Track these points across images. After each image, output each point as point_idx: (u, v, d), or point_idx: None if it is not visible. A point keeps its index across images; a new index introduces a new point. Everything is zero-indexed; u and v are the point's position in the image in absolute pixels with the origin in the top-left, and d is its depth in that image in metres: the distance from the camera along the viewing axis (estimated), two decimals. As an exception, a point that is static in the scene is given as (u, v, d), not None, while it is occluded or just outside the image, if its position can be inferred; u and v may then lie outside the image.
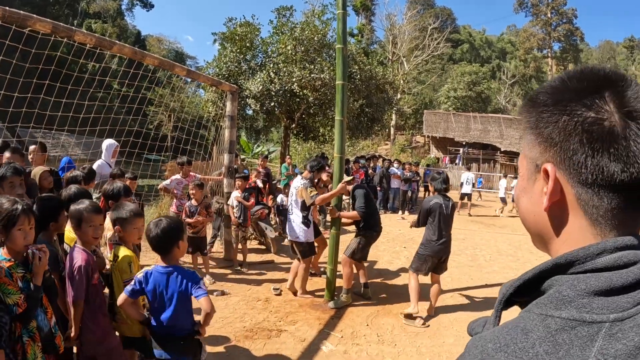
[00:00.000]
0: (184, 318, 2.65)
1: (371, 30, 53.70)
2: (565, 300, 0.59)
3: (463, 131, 33.87)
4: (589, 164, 0.62)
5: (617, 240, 0.62)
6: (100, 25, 44.65)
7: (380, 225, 5.72)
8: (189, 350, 2.71)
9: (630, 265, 0.59)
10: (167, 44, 63.78)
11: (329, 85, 13.91)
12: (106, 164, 6.45)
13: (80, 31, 4.41)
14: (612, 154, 0.60)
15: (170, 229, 2.63)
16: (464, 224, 13.20)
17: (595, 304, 0.57)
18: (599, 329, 0.55)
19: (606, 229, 0.64)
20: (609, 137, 0.61)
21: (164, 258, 2.67)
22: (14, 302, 2.23)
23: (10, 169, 3.22)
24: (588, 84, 0.65)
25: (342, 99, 5.40)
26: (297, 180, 5.90)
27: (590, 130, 0.62)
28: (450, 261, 8.08)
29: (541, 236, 0.73)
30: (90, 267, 2.71)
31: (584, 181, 0.64)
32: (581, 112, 0.63)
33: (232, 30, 16.06)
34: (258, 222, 8.09)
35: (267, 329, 4.70)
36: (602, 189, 0.63)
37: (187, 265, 6.70)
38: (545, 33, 57.15)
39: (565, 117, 0.64)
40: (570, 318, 0.57)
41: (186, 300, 2.63)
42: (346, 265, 5.52)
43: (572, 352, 0.55)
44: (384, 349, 4.38)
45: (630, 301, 0.56)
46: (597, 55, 72.95)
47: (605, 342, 0.54)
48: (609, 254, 0.61)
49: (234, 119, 7.30)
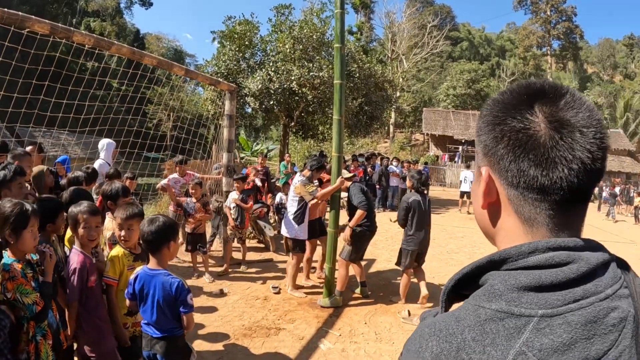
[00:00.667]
0: (170, 321, 2.60)
1: (370, 28, 53.61)
2: (496, 294, 0.63)
3: (462, 129, 33.86)
4: (512, 167, 0.69)
5: (549, 241, 0.66)
6: (99, 24, 44.64)
7: (374, 224, 5.68)
8: (177, 352, 2.68)
9: (562, 265, 0.63)
10: (166, 42, 63.82)
11: (327, 84, 13.91)
12: (106, 163, 6.49)
13: (79, 32, 4.43)
14: (532, 160, 0.66)
15: (164, 228, 2.58)
16: (462, 222, 13.23)
17: (524, 298, 0.61)
18: (527, 322, 0.59)
19: (542, 229, 0.69)
20: (530, 144, 0.66)
21: (153, 257, 2.62)
22: (32, 301, 2.27)
23: (15, 170, 3.14)
24: (521, 97, 0.71)
25: (340, 98, 5.42)
26: (297, 177, 5.96)
27: (514, 137, 0.68)
28: (448, 259, 8.18)
29: (486, 233, 0.80)
30: (85, 269, 2.70)
31: (510, 183, 0.70)
32: (509, 122, 0.69)
33: (231, 28, 16.05)
34: (257, 220, 8.11)
35: (265, 327, 4.73)
36: (527, 191, 0.68)
37: (188, 263, 6.74)
38: (545, 31, 57.16)
39: (497, 127, 0.71)
40: (500, 310, 0.61)
41: (172, 305, 2.57)
42: (342, 267, 5.53)
43: (497, 341, 0.59)
44: (381, 347, 4.41)
45: (560, 299, 0.60)
46: (596, 53, 72.94)
47: (532, 335, 0.58)
48: (540, 253, 0.65)
49: (233, 118, 7.32)
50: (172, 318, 2.60)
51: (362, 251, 5.70)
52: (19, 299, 2.24)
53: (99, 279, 2.85)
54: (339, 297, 5.47)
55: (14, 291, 2.23)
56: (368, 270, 6.99)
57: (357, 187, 5.55)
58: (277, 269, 6.96)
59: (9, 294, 2.23)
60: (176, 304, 2.55)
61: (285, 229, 5.85)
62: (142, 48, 42.15)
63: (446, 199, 19.23)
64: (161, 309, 2.56)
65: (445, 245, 9.49)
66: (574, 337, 0.58)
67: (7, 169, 3.10)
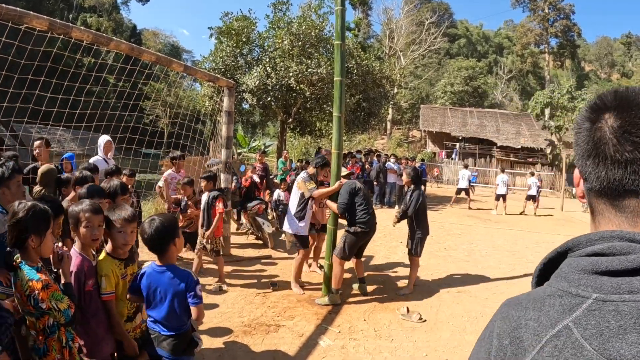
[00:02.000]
0: (179, 317, 2.58)
1: (368, 24, 53.58)
2: (562, 275, 0.72)
3: (459, 126, 33.89)
4: (582, 166, 0.79)
5: (614, 232, 0.71)
6: (96, 20, 44.41)
7: (370, 223, 5.52)
8: (183, 348, 2.66)
9: (620, 254, 0.67)
10: (163, 38, 63.66)
11: (325, 80, 13.90)
12: (102, 160, 6.44)
13: (77, 28, 4.40)
14: (595, 159, 0.75)
15: (163, 228, 2.53)
16: (460, 219, 13.25)
17: (583, 281, 0.68)
18: (581, 302, 0.66)
19: (621, 219, 0.75)
20: (596, 144, 0.75)
21: (160, 258, 2.60)
22: (67, 305, 2.17)
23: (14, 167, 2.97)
24: (594, 106, 0.78)
25: (340, 96, 5.41)
26: (301, 174, 5.98)
27: (582, 141, 0.78)
28: (446, 256, 8.20)
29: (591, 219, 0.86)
30: (83, 272, 2.59)
31: (584, 180, 0.80)
32: (586, 125, 0.78)
33: (228, 24, 16.03)
34: (255, 217, 8.11)
35: (265, 324, 4.73)
36: (591, 189, 0.78)
37: (186, 260, 6.74)
38: (543, 28, 57.12)
39: (576, 134, 0.81)
40: (561, 288, 0.70)
41: (182, 299, 2.55)
42: (335, 265, 5.49)
43: (551, 313, 0.68)
44: (381, 343, 4.41)
45: (614, 286, 0.65)
46: (594, 51, 73.08)
47: (582, 314, 0.65)
48: (605, 242, 0.70)
49: (232, 115, 7.30)
50: (181, 314, 2.57)
51: (354, 249, 5.59)
52: (54, 307, 2.13)
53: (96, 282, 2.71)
54: (337, 295, 5.46)
55: (48, 300, 2.12)
56: (366, 267, 6.98)
57: (347, 187, 5.48)
58: (275, 266, 6.96)
59: (44, 304, 2.12)
60: (186, 296, 2.53)
61: (288, 225, 5.88)
62: (139, 44, 41.92)
63: (442, 195, 19.26)
64: (172, 304, 2.54)
65: (443, 242, 9.50)
66: (623, 326, 0.61)
67: (4, 167, 2.94)
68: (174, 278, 2.54)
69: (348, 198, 5.41)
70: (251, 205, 8.14)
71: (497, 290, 6.26)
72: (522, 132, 33.22)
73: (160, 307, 2.57)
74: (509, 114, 36.88)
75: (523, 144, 31.74)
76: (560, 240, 0.79)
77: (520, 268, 7.62)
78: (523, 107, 47.12)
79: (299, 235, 5.79)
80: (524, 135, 32.64)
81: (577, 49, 61.52)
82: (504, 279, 6.86)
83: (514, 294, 0.82)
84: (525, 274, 7.18)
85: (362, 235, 5.49)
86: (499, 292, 6.12)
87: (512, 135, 32.72)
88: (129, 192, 4.44)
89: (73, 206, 2.71)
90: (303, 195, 5.71)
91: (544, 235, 11.24)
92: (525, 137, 32.39)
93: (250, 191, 8.79)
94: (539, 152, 31.60)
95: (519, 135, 32.68)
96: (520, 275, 7.11)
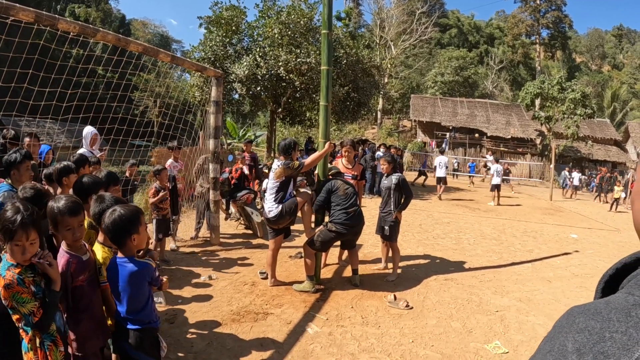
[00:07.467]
0: (139, 311, 2.55)
1: (359, 14, 53.29)
2: None
3: (450, 116, 34.05)
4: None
5: None
6: (84, 10, 43.79)
7: (349, 225, 5.36)
8: (147, 344, 2.63)
9: None
10: (152, 28, 62.97)
11: (315, 70, 13.88)
12: (88, 152, 6.41)
13: (64, 19, 4.37)
14: None
15: (121, 221, 2.48)
16: (448, 208, 13.36)
17: None
18: None
19: None
20: None
21: (120, 249, 2.57)
22: (29, 311, 2.14)
23: (26, 154, 3.50)
24: None
25: (326, 85, 5.43)
26: (275, 163, 5.60)
27: None
28: (434, 244, 8.28)
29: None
30: (69, 273, 2.50)
31: None
32: None
33: (218, 13, 15.91)
34: (244, 206, 8.14)
35: (253, 312, 4.78)
36: None
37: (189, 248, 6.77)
38: (534, 19, 57.03)
39: None
40: None
41: (140, 293, 2.55)
42: (305, 252, 5.48)
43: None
44: (368, 330, 4.49)
45: None
46: (585, 42, 73.31)
47: None
48: None
49: (220, 105, 7.29)
50: (143, 307, 2.56)
51: (329, 246, 5.60)
52: (16, 307, 2.13)
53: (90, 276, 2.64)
54: (310, 282, 5.43)
55: (10, 299, 2.11)
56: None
57: (327, 186, 5.49)
58: (264, 255, 6.99)
59: (5, 302, 2.13)
60: (146, 288, 2.55)
61: (266, 211, 5.48)
62: (127, 34, 41.48)
63: (432, 185, 19.36)
64: (131, 294, 2.53)
65: (431, 230, 9.60)
66: None
67: (18, 153, 3.49)
68: (131, 270, 2.51)
69: (324, 196, 5.45)
70: (240, 195, 8.16)
71: (484, 277, 6.35)
72: (512, 122, 33.46)
73: (121, 300, 2.56)
74: (499, 104, 37.09)
75: (513, 134, 31.98)
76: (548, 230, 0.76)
77: (507, 256, 7.73)
78: (513, 97, 47.32)
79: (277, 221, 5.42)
80: (514, 126, 32.88)
81: (568, 41, 61.60)
82: (491, 267, 6.96)
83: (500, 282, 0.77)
84: (513, 262, 7.30)
85: (336, 234, 5.39)
86: (485, 280, 6.22)
87: (502, 125, 32.95)
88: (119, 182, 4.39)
89: (51, 202, 2.57)
90: (280, 186, 5.37)
91: (532, 224, 11.39)
92: (515, 128, 32.63)
93: (240, 182, 8.81)
94: (528, 142, 31.86)
95: (509, 126, 32.92)
96: (508, 263, 7.22)
